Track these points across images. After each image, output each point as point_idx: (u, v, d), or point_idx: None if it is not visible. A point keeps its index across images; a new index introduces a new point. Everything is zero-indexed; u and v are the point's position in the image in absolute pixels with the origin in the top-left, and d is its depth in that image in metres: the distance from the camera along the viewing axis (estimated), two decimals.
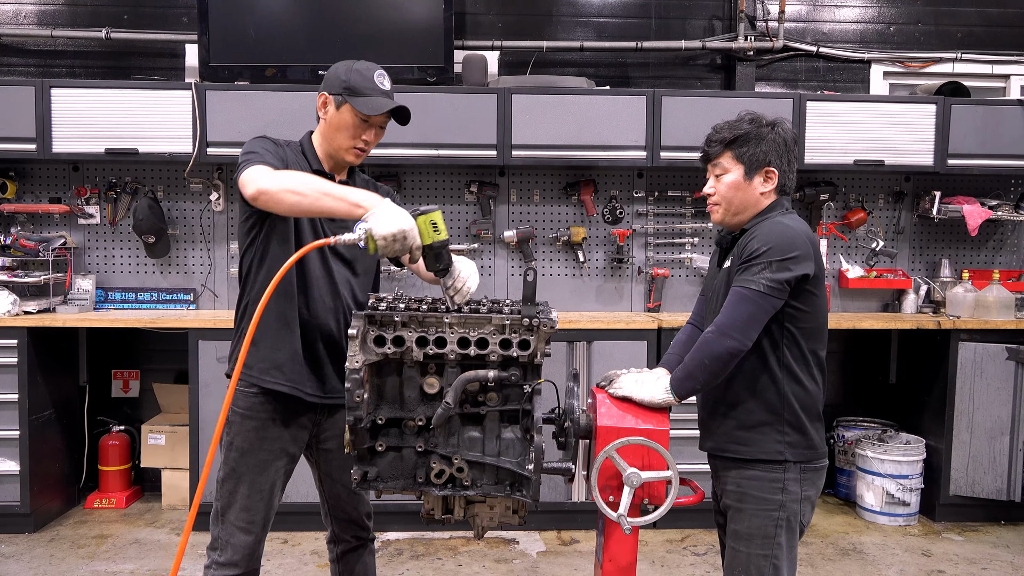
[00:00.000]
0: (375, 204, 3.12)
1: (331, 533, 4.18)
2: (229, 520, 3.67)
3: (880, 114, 6.96)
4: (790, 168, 3.47)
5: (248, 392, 3.65)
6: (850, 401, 7.82)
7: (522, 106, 6.71)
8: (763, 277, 3.21)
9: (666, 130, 6.76)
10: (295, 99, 6.55)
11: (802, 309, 3.32)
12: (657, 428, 3.26)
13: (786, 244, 3.25)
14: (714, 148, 3.48)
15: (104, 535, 6.39)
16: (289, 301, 3.62)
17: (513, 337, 3.09)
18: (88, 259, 7.20)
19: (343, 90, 3.64)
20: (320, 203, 3.19)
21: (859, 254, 7.59)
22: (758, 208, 3.46)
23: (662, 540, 6.41)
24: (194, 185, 7.19)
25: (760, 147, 3.41)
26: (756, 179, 3.43)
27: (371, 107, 3.63)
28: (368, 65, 3.70)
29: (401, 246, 3.09)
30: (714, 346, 3.23)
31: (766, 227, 3.34)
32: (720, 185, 3.48)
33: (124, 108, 6.61)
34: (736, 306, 3.23)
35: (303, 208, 3.22)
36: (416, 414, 3.15)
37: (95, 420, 7.28)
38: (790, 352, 3.34)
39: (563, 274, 7.38)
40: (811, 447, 3.37)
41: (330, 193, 3.20)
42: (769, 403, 3.35)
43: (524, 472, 3.09)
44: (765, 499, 3.35)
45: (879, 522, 6.85)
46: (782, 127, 3.46)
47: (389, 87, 3.71)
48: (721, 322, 3.24)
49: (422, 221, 3.14)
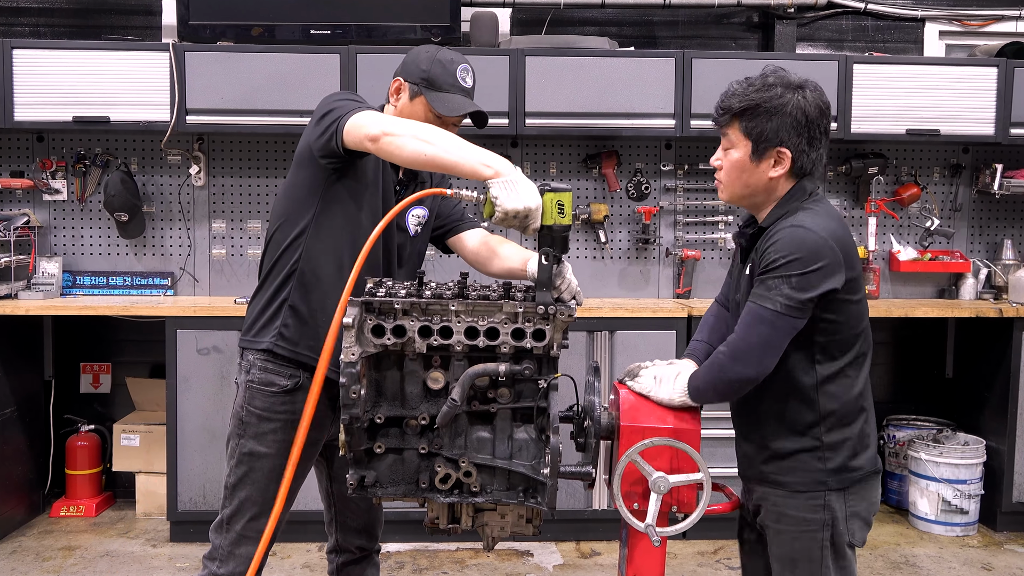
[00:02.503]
0: (506, 171, 3.12)
1: (333, 542, 4.19)
2: (236, 530, 3.69)
3: (935, 78, 6.93)
4: (811, 147, 3.26)
5: (265, 391, 3.65)
6: (902, 398, 7.80)
7: (536, 69, 6.69)
8: (781, 295, 3.09)
9: (697, 96, 6.74)
10: (284, 61, 6.55)
11: (836, 320, 3.21)
12: (687, 427, 3.24)
13: (808, 254, 3.10)
14: (722, 117, 3.32)
15: (72, 546, 6.40)
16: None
17: (527, 327, 3.07)
18: (54, 239, 7.21)
19: (421, 80, 3.68)
20: (446, 155, 3.21)
21: (912, 234, 7.56)
22: (773, 195, 3.32)
23: (692, 552, 6.41)
24: (172, 157, 7.19)
25: (772, 122, 3.21)
26: (764, 161, 3.26)
27: (449, 107, 3.67)
28: (453, 57, 3.73)
29: (521, 223, 3.10)
30: (727, 371, 3.18)
31: (786, 232, 3.16)
32: (725, 161, 3.35)
33: (94, 71, 6.60)
34: (750, 327, 3.15)
35: (425, 158, 3.24)
36: (419, 412, 3.13)
37: (62, 419, 7.29)
38: (826, 368, 3.24)
39: (582, 256, 7.38)
40: (857, 468, 3.30)
41: (459, 146, 3.22)
42: (806, 428, 3.27)
43: (539, 477, 3.08)
44: (806, 519, 3.28)
45: (934, 532, 6.84)
46: (805, 94, 3.23)
47: (472, 83, 3.76)
48: (734, 344, 3.17)
49: (548, 199, 3.12)
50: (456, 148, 3.21)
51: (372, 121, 3.34)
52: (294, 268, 3.67)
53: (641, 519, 3.19)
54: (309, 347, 3.63)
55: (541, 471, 3.06)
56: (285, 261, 3.69)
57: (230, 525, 3.70)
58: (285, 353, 3.66)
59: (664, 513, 3.24)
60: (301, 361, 3.65)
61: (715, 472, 3.32)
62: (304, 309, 3.65)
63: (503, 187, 3.08)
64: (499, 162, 3.14)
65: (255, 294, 3.81)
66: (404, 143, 3.24)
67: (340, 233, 3.63)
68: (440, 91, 3.67)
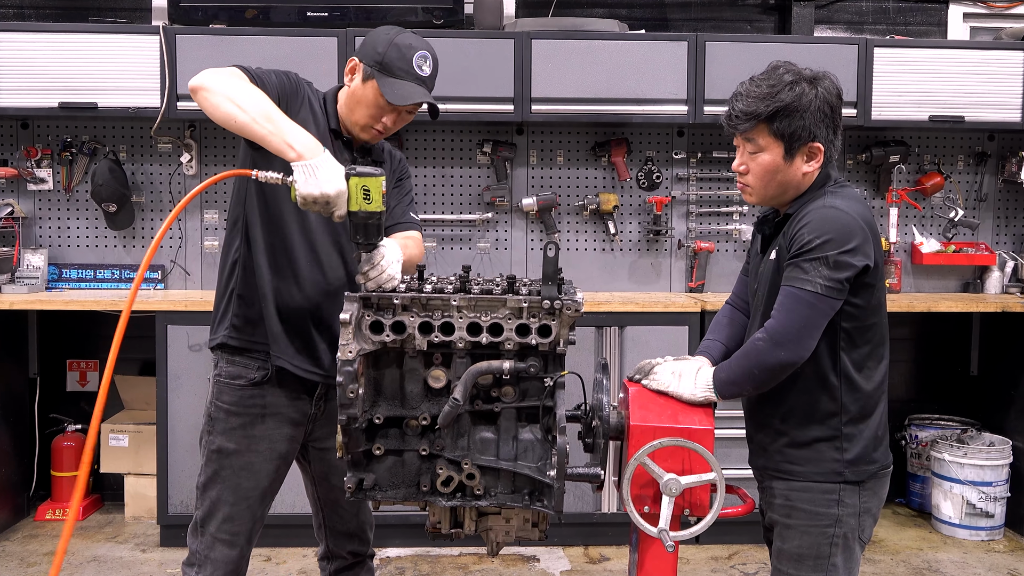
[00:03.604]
0: (311, 154, 3.18)
1: (324, 549, 4.19)
2: (210, 532, 3.70)
3: (959, 62, 6.90)
4: (836, 136, 3.35)
5: (233, 384, 3.67)
6: (924, 396, 7.79)
7: (543, 53, 6.67)
8: (820, 276, 3.13)
9: (711, 81, 6.73)
10: (279, 45, 6.54)
11: (860, 305, 3.26)
12: (700, 427, 3.24)
13: (843, 234, 3.15)
14: (748, 122, 3.30)
15: None
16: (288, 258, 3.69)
17: (532, 322, 3.07)
18: (39, 231, 7.21)
19: (375, 63, 3.68)
20: (255, 127, 3.26)
21: (935, 225, 7.55)
22: (801, 188, 3.37)
23: (706, 557, 6.41)
24: (162, 145, 7.19)
25: (803, 120, 3.25)
26: (797, 158, 3.31)
27: (396, 94, 3.66)
28: (412, 42, 3.73)
29: (323, 209, 3.18)
30: (766, 357, 3.19)
31: (817, 214, 3.22)
32: (753, 164, 3.36)
33: (81, 55, 6.59)
34: (790, 311, 3.17)
35: (236, 124, 3.29)
36: (419, 412, 3.14)
37: (47, 418, 7.29)
38: (849, 356, 3.29)
39: (591, 248, 7.37)
40: (873, 461, 3.35)
41: (273, 121, 3.26)
42: (826, 417, 3.31)
43: (545, 479, 3.08)
44: (817, 513, 3.32)
45: (958, 536, 6.84)
46: (824, 85, 3.30)
47: (429, 72, 3.75)
48: (774, 329, 3.19)
49: (353, 184, 3.19)
50: (268, 121, 3.25)
51: (202, 75, 3.36)
52: (236, 255, 3.73)
53: (652, 523, 3.19)
54: (262, 336, 3.69)
55: (547, 473, 3.07)
56: (229, 249, 3.77)
57: (204, 527, 3.71)
58: (239, 344, 3.71)
59: (676, 516, 3.23)
60: (260, 351, 3.70)
61: (729, 474, 3.31)
62: (249, 296, 3.70)
63: (303, 171, 3.15)
64: (306, 144, 3.19)
65: (216, 289, 3.88)
66: (218, 102, 3.29)
67: (274, 216, 3.66)
68: (392, 76, 3.66)
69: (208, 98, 3.30)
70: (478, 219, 7.19)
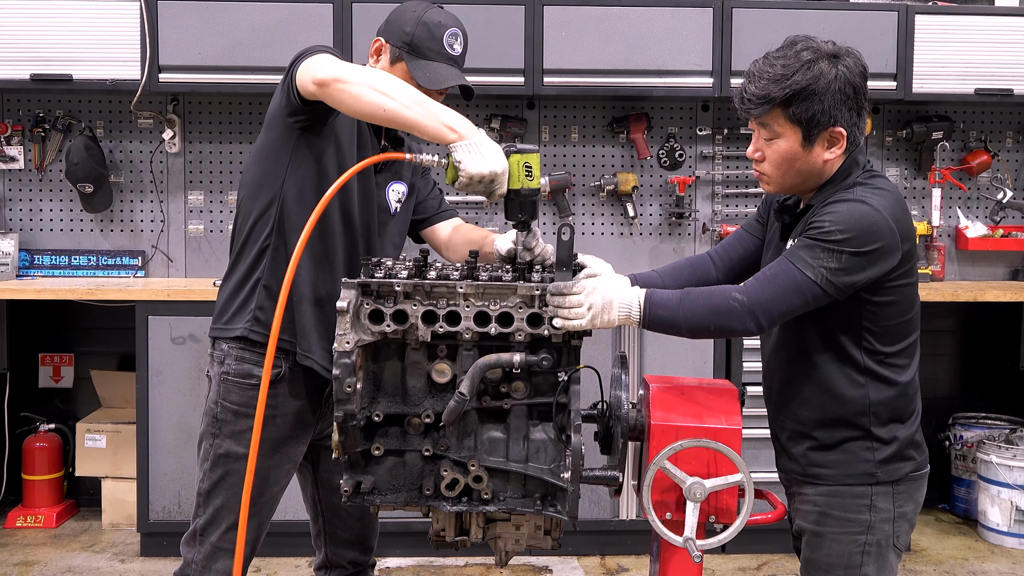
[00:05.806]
0: (470, 133, 3.23)
1: (322, 557, 4.19)
2: (211, 541, 3.70)
3: (1008, 30, 6.90)
4: (860, 118, 3.29)
5: (244, 383, 3.65)
6: (970, 393, 7.79)
7: (556, 20, 6.67)
8: (826, 268, 3.07)
9: (738, 51, 6.72)
10: (270, 12, 6.53)
11: (884, 303, 3.21)
12: (727, 427, 3.23)
13: (866, 234, 3.08)
14: (762, 106, 3.26)
15: (30, 561, 6.42)
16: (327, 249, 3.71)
17: (545, 311, 3.08)
18: (9, 214, 7.23)
19: (403, 44, 3.72)
20: (408, 112, 3.27)
21: (982, 207, 7.55)
22: (824, 176, 3.32)
23: (733, 568, 6.41)
24: (143, 120, 7.20)
25: (824, 102, 3.19)
26: (817, 145, 3.25)
27: (431, 78, 3.71)
28: (442, 19, 3.78)
29: (486, 188, 3.24)
30: (732, 321, 3.14)
31: (845, 207, 3.15)
32: (769, 152, 3.33)
33: (54, 23, 6.59)
34: (787, 294, 3.11)
35: (384, 113, 3.29)
36: (422, 409, 3.13)
37: (18, 417, 7.31)
38: (875, 355, 3.26)
39: (608, 232, 7.38)
40: (908, 458, 3.33)
41: (423, 105, 3.29)
42: (854, 417, 3.28)
43: (558, 482, 3.08)
44: (849, 519, 3.31)
45: (1006, 545, 6.84)
46: (846, 63, 3.22)
47: (461, 50, 3.84)
48: (758, 301, 3.12)
49: (515, 161, 3.26)
50: (418, 106, 3.27)
51: (324, 64, 3.36)
52: (267, 243, 3.67)
53: (675, 530, 3.18)
54: (289, 331, 3.64)
55: (561, 476, 3.07)
56: (257, 235, 3.69)
57: (204, 536, 3.70)
58: (262, 339, 3.64)
59: (701, 524, 3.23)
60: (281, 348, 3.62)
61: (758, 477, 3.32)
62: (276, 288, 3.62)
63: (467, 150, 3.18)
64: (463, 124, 3.23)
65: (226, 275, 3.82)
66: (360, 92, 3.28)
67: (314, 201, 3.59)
68: (423, 58, 3.70)
69: (347, 89, 3.28)
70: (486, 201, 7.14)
